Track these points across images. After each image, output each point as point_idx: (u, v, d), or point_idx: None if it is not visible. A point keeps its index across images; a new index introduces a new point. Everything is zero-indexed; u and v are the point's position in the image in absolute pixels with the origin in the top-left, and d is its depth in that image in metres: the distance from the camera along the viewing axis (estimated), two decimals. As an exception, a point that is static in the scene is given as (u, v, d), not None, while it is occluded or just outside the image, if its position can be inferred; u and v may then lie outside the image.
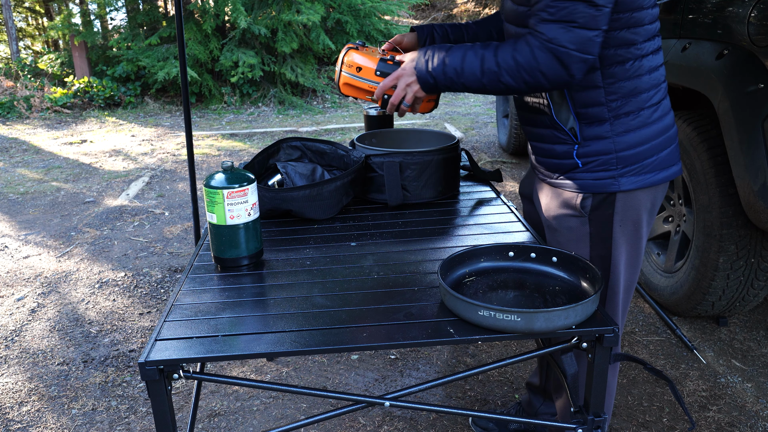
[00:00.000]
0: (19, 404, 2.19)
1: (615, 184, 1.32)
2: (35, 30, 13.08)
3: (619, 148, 1.30)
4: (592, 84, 1.27)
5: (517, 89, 1.24)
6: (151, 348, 1.05)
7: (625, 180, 1.31)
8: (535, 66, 1.19)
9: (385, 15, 9.07)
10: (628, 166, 1.31)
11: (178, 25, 2.48)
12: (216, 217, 1.32)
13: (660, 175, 1.34)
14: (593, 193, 1.34)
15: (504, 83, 1.24)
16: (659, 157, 1.33)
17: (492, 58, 1.25)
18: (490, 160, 5.12)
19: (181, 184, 4.89)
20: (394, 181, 1.68)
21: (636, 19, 1.22)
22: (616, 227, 1.36)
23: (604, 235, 1.37)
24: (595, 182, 1.33)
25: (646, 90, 1.29)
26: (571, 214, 1.38)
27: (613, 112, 1.28)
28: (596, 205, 1.35)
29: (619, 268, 1.40)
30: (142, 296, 2.97)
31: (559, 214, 1.41)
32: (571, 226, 1.39)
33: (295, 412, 2.10)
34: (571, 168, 1.35)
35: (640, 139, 1.30)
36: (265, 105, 8.21)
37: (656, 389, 2.17)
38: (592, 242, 1.38)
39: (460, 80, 1.29)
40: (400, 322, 1.11)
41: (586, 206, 1.35)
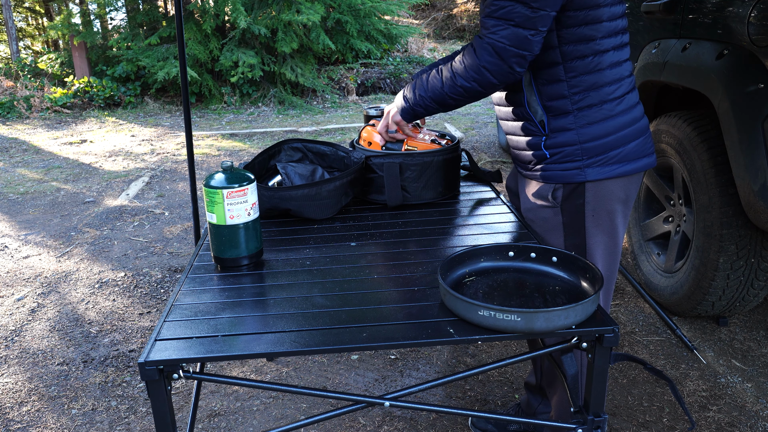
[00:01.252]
0: (19, 404, 2.19)
1: (581, 175, 1.38)
2: (35, 30, 13.09)
3: (583, 139, 1.37)
4: (556, 78, 1.35)
5: (473, 91, 1.36)
6: (151, 348, 1.05)
7: (591, 171, 1.38)
8: (479, 63, 1.31)
9: (385, 15, 9.07)
10: (593, 157, 1.37)
11: (178, 25, 2.48)
12: (216, 216, 1.32)
13: (628, 167, 1.39)
14: (563, 183, 1.41)
15: (460, 87, 1.37)
16: (626, 149, 1.39)
17: (447, 68, 1.40)
18: (490, 160, 5.12)
19: (181, 184, 4.89)
20: (394, 182, 1.68)
21: (593, 16, 1.29)
22: (588, 217, 1.42)
23: (577, 225, 1.43)
24: (563, 173, 1.40)
25: (608, 84, 1.35)
26: (545, 204, 1.45)
27: (576, 105, 1.35)
28: (566, 195, 1.41)
29: (595, 258, 1.45)
30: (142, 296, 2.97)
31: (534, 205, 1.48)
32: (545, 216, 1.46)
33: (295, 412, 2.10)
34: (540, 159, 1.42)
35: (604, 131, 1.36)
36: (265, 105, 8.21)
37: (656, 389, 2.17)
38: (566, 231, 1.45)
39: (427, 95, 1.44)
40: (400, 322, 1.11)
41: (557, 197, 1.42)
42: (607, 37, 1.32)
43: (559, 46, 1.32)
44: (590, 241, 1.44)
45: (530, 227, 1.55)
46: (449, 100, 1.42)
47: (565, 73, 1.34)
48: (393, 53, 9.75)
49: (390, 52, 9.70)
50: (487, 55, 1.29)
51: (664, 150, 2.54)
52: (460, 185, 1.92)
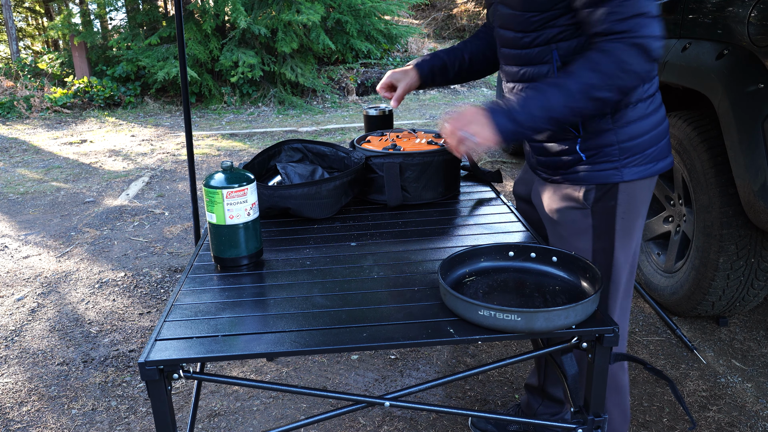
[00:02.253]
0: (19, 404, 2.19)
1: (618, 175, 1.34)
2: (35, 30, 13.08)
3: (621, 138, 1.33)
4: None
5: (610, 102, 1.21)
6: (151, 348, 1.05)
7: (627, 171, 1.34)
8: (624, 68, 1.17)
9: (385, 15, 9.07)
10: (630, 156, 1.34)
11: (178, 25, 2.48)
12: (215, 216, 1.32)
13: (658, 166, 1.37)
14: (596, 184, 1.36)
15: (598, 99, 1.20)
16: (657, 147, 1.36)
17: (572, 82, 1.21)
18: (490, 160, 5.12)
19: (181, 184, 4.89)
20: (394, 182, 1.68)
21: None
22: (618, 219, 1.38)
23: (607, 228, 1.38)
24: (599, 173, 1.35)
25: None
26: (574, 206, 1.40)
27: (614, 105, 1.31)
28: (599, 197, 1.37)
29: (620, 262, 1.42)
30: (142, 296, 2.97)
31: (562, 207, 1.42)
32: (574, 218, 1.41)
33: (295, 412, 2.10)
34: (575, 162, 1.37)
35: (641, 130, 1.33)
36: (265, 105, 8.21)
37: (656, 389, 2.17)
38: (595, 234, 1.40)
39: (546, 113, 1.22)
40: (400, 322, 1.11)
41: (589, 198, 1.37)
42: None
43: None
44: (617, 244, 1.40)
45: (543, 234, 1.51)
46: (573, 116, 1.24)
47: None
48: (393, 53, 9.75)
49: (390, 52, 9.70)
50: (635, 55, 1.16)
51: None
52: (460, 185, 1.92)
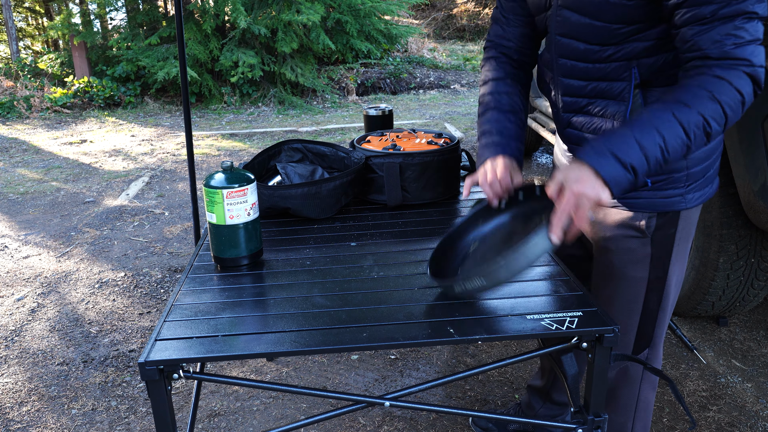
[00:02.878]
0: (19, 404, 2.19)
1: (682, 202, 1.24)
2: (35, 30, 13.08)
3: (691, 164, 1.22)
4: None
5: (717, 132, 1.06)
6: (151, 348, 1.05)
7: (691, 196, 1.24)
8: (739, 98, 1.04)
9: (385, 15, 9.07)
10: (694, 182, 1.24)
11: (178, 25, 2.48)
12: (215, 216, 1.32)
13: (714, 186, 1.29)
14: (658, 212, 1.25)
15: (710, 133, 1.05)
16: (715, 168, 1.27)
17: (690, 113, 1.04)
18: (490, 160, 5.12)
19: (181, 184, 4.89)
20: (394, 182, 1.68)
21: None
22: (675, 246, 1.29)
23: (664, 256, 1.29)
24: (664, 200, 1.24)
25: None
26: (632, 235, 1.28)
27: None
28: (660, 224, 1.26)
29: (671, 290, 1.34)
30: (142, 296, 2.97)
31: (617, 235, 1.30)
32: (631, 247, 1.29)
33: (295, 412, 2.10)
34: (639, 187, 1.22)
35: (706, 153, 1.23)
36: (265, 105, 8.21)
37: (656, 389, 2.17)
38: (652, 264, 1.30)
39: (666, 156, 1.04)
40: (400, 322, 1.11)
41: (650, 226, 1.26)
42: None
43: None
44: (671, 270, 1.31)
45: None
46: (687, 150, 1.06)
47: None
48: (393, 53, 9.75)
49: (390, 52, 9.70)
50: (748, 85, 1.03)
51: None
52: (460, 185, 1.92)
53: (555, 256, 1.38)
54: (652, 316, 1.35)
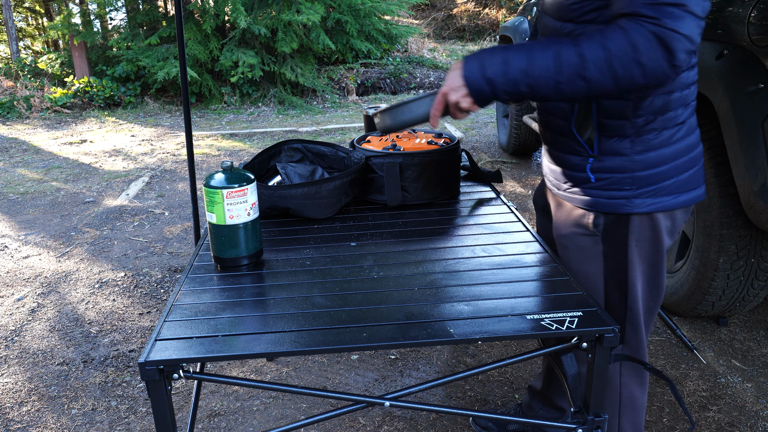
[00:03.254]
0: (19, 404, 2.19)
1: (628, 206, 1.22)
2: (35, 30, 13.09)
3: (636, 167, 1.20)
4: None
5: (603, 87, 1.05)
6: (151, 348, 1.05)
7: (640, 201, 1.22)
8: (633, 56, 1.01)
9: (385, 15, 9.07)
10: (643, 187, 1.21)
11: (178, 25, 2.48)
12: (215, 216, 1.32)
13: (680, 199, 1.24)
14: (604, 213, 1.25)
15: (588, 78, 1.05)
16: (679, 180, 1.23)
17: (571, 49, 1.05)
18: (490, 160, 5.12)
19: (181, 184, 4.89)
20: (394, 182, 1.68)
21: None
22: (632, 247, 1.27)
23: (619, 256, 1.28)
24: (608, 201, 1.24)
25: (675, 107, 1.19)
26: (583, 232, 1.30)
27: (636, 128, 1.18)
28: (609, 224, 1.26)
29: (636, 289, 1.32)
30: (142, 296, 2.97)
31: (571, 233, 1.32)
32: (583, 245, 1.31)
33: (295, 412, 2.10)
34: (582, 181, 1.26)
35: (660, 159, 1.20)
36: (265, 105, 8.21)
37: (656, 389, 2.17)
38: (606, 262, 1.30)
39: (526, 80, 1.08)
40: (400, 322, 1.11)
41: (598, 225, 1.27)
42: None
43: None
44: (632, 272, 1.29)
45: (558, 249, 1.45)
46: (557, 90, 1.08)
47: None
48: (393, 53, 9.75)
49: (390, 52, 9.70)
50: (651, 48, 1.00)
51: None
52: (460, 185, 1.92)
53: (552, 252, 1.38)
54: (617, 315, 1.34)
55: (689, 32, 0.99)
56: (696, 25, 1.00)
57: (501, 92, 1.11)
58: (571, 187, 1.29)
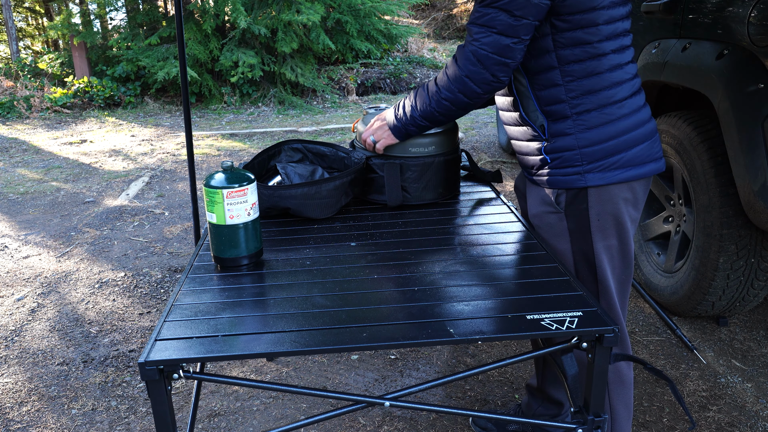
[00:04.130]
0: (19, 404, 2.19)
1: (581, 180, 1.36)
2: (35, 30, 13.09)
3: (581, 144, 1.34)
4: (553, 82, 1.33)
5: (459, 102, 1.37)
6: (151, 348, 1.05)
7: (592, 176, 1.35)
8: (461, 74, 1.33)
9: (385, 15, 9.07)
10: (593, 162, 1.35)
11: (178, 25, 2.48)
12: (216, 216, 1.32)
13: (632, 172, 1.36)
14: (565, 189, 1.39)
15: (446, 100, 1.38)
16: (628, 154, 1.35)
17: (432, 82, 1.41)
18: (490, 160, 5.12)
19: (181, 184, 4.89)
20: (394, 183, 1.68)
21: (588, 20, 1.28)
22: (593, 221, 1.39)
23: (583, 230, 1.40)
24: (564, 178, 1.38)
25: (607, 87, 1.33)
26: (549, 210, 1.44)
27: (575, 109, 1.33)
28: (570, 200, 1.39)
29: (604, 263, 1.42)
30: (142, 296, 2.97)
31: (540, 211, 1.46)
32: (551, 222, 1.44)
33: (295, 412, 2.10)
34: (543, 164, 1.41)
35: (604, 135, 1.34)
36: (265, 105, 8.21)
37: (656, 389, 2.17)
38: (572, 237, 1.42)
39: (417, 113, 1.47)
40: (400, 322, 1.11)
41: (561, 202, 1.40)
42: (605, 40, 1.30)
43: (555, 50, 1.30)
44: (597, 246, 1.41)
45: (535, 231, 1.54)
46: (438, 115, 1.43)
47: (562, 77, 1.32)
48: (393, 53, 9.75)
49: (390, 52, 9.70)
50: (470, 63, 1.31)
51: (664, 150, 2.54)
52: (460, 185, 1.92)
53: (552, 252, 1.38)
54: (589, 289, 1.45)
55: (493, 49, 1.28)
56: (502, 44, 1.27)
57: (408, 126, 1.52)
58: (537, 170, 1.44)
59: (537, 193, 1.46)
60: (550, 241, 1.47)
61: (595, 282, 1.44)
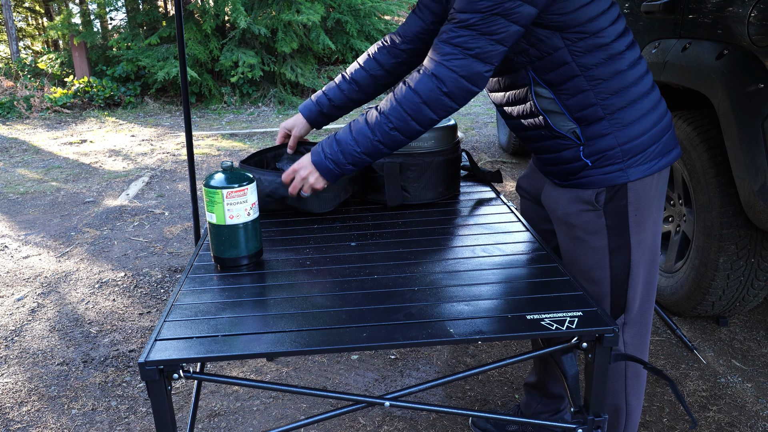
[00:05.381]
0: (19, 404, 2.19)
1: (623, 176, 1.36)
2: (35, 30, 13.09)
3: (621, 141, 1.34)
4: (580, 89, 1.32)
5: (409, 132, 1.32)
6: (151, 348, 1.05)
7: (632, 170, 1.36)
8: (416, 101, 1.27)
9: (385, 15, 9.08)
10: (633, 156, 1.35)
11: (178, 25, 2.48)
12: (215, 216, 1.32)
13: (663, 161, 1.39)
14: (606, 187, 1.38)
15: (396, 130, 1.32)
16: (660, 143, 1.38)
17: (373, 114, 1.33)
18: (490, 160, 5.12)
19: (181, 184, 4.89)
20: (394, 182, 1.68)
21: (596, 25, 1.28)
22: (631, 216, 1.40)
23: (621, 226, 1.40)
24: (606, 176, 1.37)
25: (632, 84, 1.33)
26: (587, 209, 1.42)
27: (607, 110, 1.33)
28: (609, 197, 1.39)
29: (636, 256, 1.43)
30: (142, 296, 2.97)
31: (575, 210, 1.44)
32: (588, 220, 1.42)
33: (295, 412, 2.10)
34: (581, 168, 1.39)
35: (640, 130, 1.35)
36: (264, 105, 8.21)
37: (656, 389, 2.17)
38: (610, 234, 1.41)
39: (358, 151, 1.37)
40: (400, 322, 1.11)
41: (600, 200, 1.39)
42: (616, 39, 1.31)
43: (574, 59, 1.29)
44: (633, 240, 1.42)
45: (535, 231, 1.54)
46: (384, 148, 1.36)
47: (587, 82, 1.31)
48: (393, 53, 9.73)
49: (390, 52, 9.68)
50: (430, 87, 1.25)
51: (664, 150, 2.53)
52: (460, 185, 1.92)
53: (552, 252, 1.39)
54: (621, 282, 1.44)
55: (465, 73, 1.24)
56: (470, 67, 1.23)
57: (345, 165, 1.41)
58: (573, 175, 1.41)
59: (570, 193, 1.44)
60: (585, 239, 1.44)
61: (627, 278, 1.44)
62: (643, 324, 1.50)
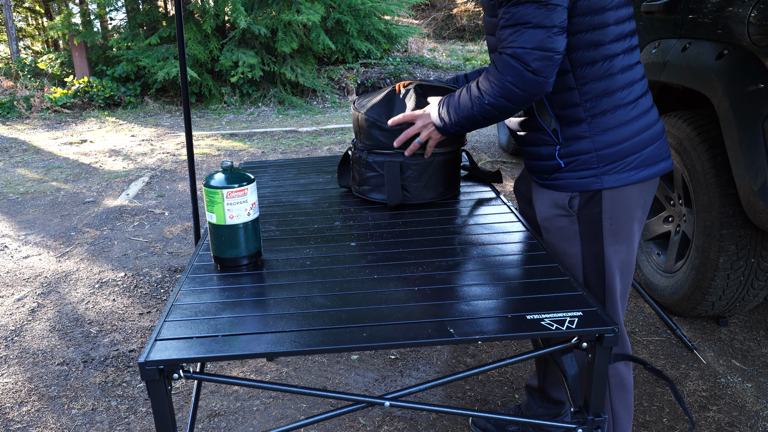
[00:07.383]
0: (19, 404, 2.19)
1: (597, 182, 1.35)
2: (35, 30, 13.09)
3: (598, 146, 1.34)
4: (566, 86, 1.32)
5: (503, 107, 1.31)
6: (151, 348, 1.05)
7: (608, 178, 1.34)
8: (503, 79, 1.27)
9: (385, 15, 9.07)
10: (609, 164, 1.34)
11: (178, 25, 2.48)
12: (215, 216, 1.32)
13: (645, 172, 1.36)
14: (579, 192, 1.37)
15: (489, 105, 1.32)
16: (643, 154, 1.35)
17: (475, 86, 1.36)
18: (490, 160, 5.12)
19: (181, 184, 4.89)
20: (394, 182, 1.68)
21: (599, 21, 1.27)
22: (606, 224, 1.38)
23: (594, 234, 1.39)
24: (579, 181, 1.36)
25: (620, 88, 1.32)
26: (561, 213, 1.42)
27: (589, 112, 1.32)
28: (583, 203, 1.38)
29: (613, 267, 1.42)
30: (142, 296, 2.97)
31: (550, 215, 1.44)
32: (562, 225, 1.43)
33: (295, 412, 2.10)
34: (555, 169, 1.39)
35: (620, 137, 1.33)
36: (265, 105, 8.21)
37: (656, 389, 2.17)
38: (583, 240, 1.41)
39: (460, 116, 1.41)
40: (400, 322, 1.11)
41: (573, 205, 1.39)
42: (615, 41, 1.29)
43: (568, 53, 1.29)
44: (608, 250, 1.40)
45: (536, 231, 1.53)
46: (481, 119, 1.37)
47: (575, 80, 1.31)
48: (393, 53, 9.75)
49: (390, 52, 9.70)
50: (510, 67, 1.25)
51: (664, 150, 2.54)
52: (460, 185, 1.92)
53: (555, 255, 1.39)
54: (595, 293, 1.45)
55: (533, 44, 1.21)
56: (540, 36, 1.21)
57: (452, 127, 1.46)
58: (549, 175, 1.42)
59: (547, 196, 1.44)
60: (559, 245, 1.45)
61: (603, 286, 1.43)
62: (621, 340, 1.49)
